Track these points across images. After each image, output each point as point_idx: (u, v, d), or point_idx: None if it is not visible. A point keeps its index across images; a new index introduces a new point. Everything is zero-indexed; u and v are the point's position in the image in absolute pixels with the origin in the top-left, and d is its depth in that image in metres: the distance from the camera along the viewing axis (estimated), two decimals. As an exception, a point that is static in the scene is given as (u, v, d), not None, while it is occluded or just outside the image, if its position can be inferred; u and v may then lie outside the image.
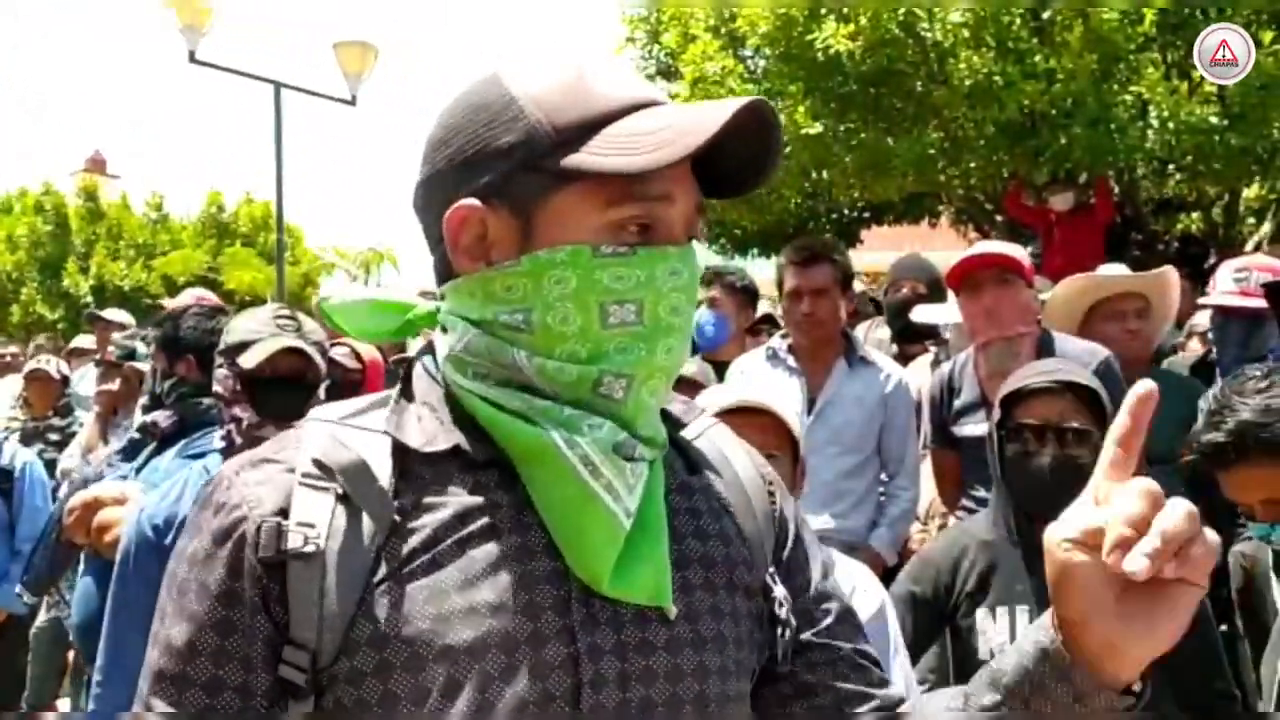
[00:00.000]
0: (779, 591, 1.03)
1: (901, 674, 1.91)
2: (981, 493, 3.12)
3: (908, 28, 7.22)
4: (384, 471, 0.92)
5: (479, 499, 0.92)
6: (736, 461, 1.09)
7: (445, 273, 0.98)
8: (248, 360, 2.27)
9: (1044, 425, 2.12)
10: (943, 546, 2.34)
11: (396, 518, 0.90)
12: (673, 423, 1.06)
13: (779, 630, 1.02)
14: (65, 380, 5.80)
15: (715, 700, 0.94)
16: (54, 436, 5.37)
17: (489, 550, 0.90)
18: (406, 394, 0.99)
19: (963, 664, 2.21)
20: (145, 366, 3.93)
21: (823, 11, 7.41)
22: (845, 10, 7.29)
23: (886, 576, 3.13)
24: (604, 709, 0.88)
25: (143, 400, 2.96)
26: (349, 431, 0.96)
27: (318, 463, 0.92)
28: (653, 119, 0.91)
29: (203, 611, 0.90)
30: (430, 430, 0.94)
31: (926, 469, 3.53)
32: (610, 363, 0.92)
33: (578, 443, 0.90)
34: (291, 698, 0.89)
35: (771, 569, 1.04)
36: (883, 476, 3.49)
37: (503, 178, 0.92)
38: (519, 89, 0.93)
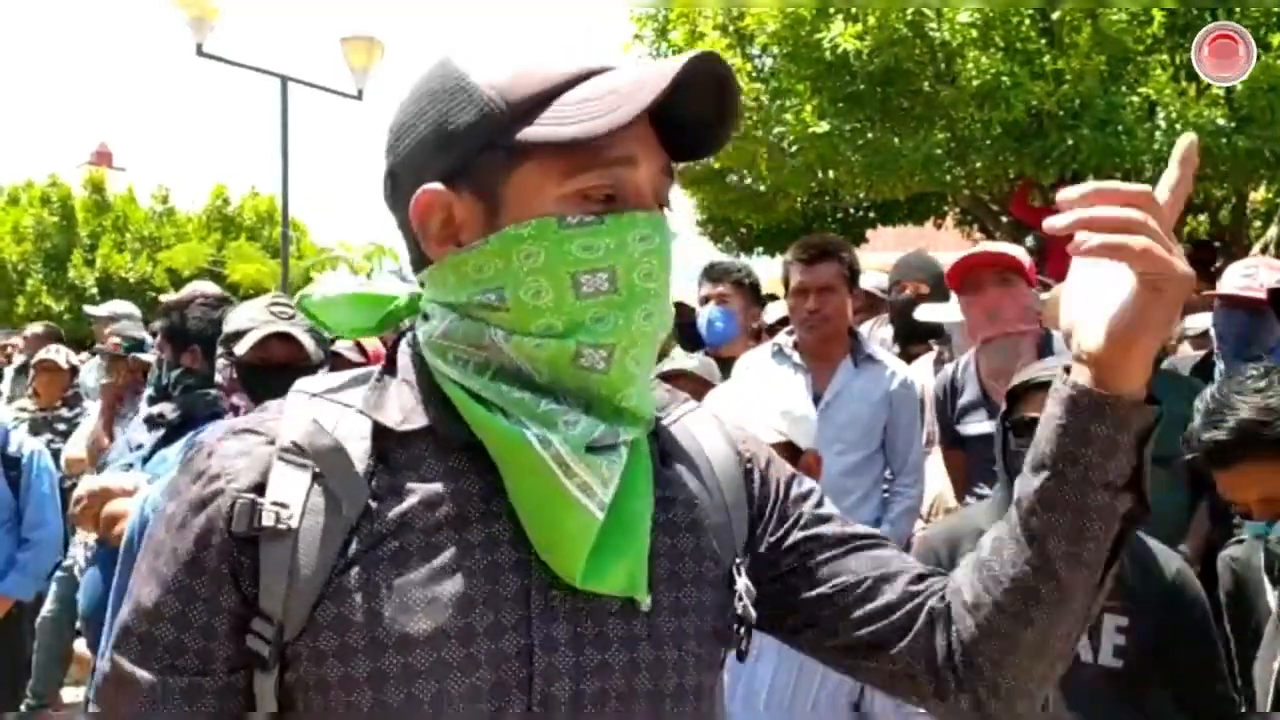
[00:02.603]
0: (741, 584, 1.02)
1: None
2: (985, 490, 3.13)
3: (916, 27, 7.22)
4: (361, 452, 0.93)
5: (450, 485, 0.92)
6: (710, 447, 1.08)
7: (420, 261, 0.98)
8: (241, 349, 2.31)
9: None
10: (942, 532, 2.35)
11: (371, 502, 0.91)
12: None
13: (736, 626, 1.02)
14: (74, 370, 5.83)
15: (672, 694, 0.95)
16: (62, 426, 5.40)
17: (456, 540, 0.90)
18: (390, 370, 0.99)
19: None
20: (150, 358, 3.95)
21: (831, 11, 7.41)
22: (853, 10, 7.30)
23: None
24: (555, 699, 0.89)
25: (148, 392, 2.97)
26: (330, 408, 0.96)
27: (296, 445, 0.92)
28: (605, 83, 0.90)
29: (170, 576, 0.91)
30: (407, 407, 0.95)
31: (929, 466, 3.54)
32: (588, 334, 0.91)
33: (551, 441, 0.90)
34: (258, 668, 0.90)
35: (740, 559, 1.04)
36: (887, 474, 3.50)
37: (462, 159, 0.92)
38: (471, 71, 0.92)
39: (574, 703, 0.90)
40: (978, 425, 3.26)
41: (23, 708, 4.42)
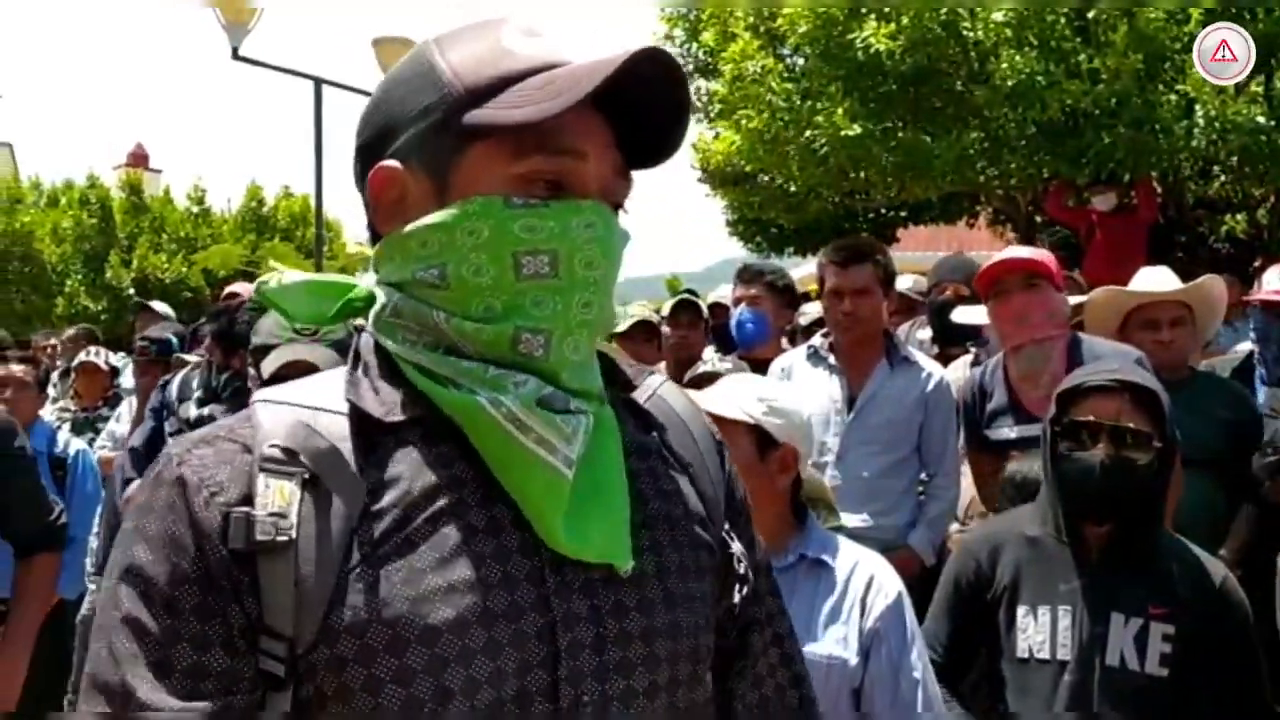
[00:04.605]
0: (736, 547, 1.07)
1: (920, 663, 1.93)
2: (1017, 495, 3.11)
3: (949, 27, 7.18)
4: (348, 451, 0.91)
5: (443, 473, 0.91)
6: (689, 420, 1.11)
7: (377, 240, 1.00)
8: (266, 370, 2.35)
9: (1099, 424, 2.09)
10: (982, 536, 2.33)
11: (367, 500, 0.89)
12: (624, 384, 1.07)
13: (738, 585, 1.06)
14: (114, 371, 5.93)
15: (687, 656, 0.97)
16: (103, 426, 5.49)
17: (459, 526, 0.90)
18: (360, 365, 0.98)
19: (997, 661, 2.20)
20: (194, 358, 4.00)
21: (863, 11, 7.38)
22: (886, 9, 7.26)
23: (924, 575, 3.14)
24: (581, 673, 0.90)
25: (197, 394, 3.02)
26: (307, 413, 0.93)
27: (287, 450, 0.90)
28: (557, 73, 0.92)
29: (178, 596, 0.86)
30: (389, 400, 0.94)
31: (965, 468, 3.53)
32: (526, 317, 0.92)
33: (502, 401, 0.90)
34: (271, 689, 0.87)
35: (726, 525, 1.08)
36: (923, 476, 3.50)
37: (418, 138, 0.94)
38: (439, 57, 0.95)
39: (599, 673, 0.91)
40: (1008, 430, 3.25)
41: (65, 704, 4.48)
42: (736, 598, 1.07)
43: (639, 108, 0.94)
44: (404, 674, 0.85)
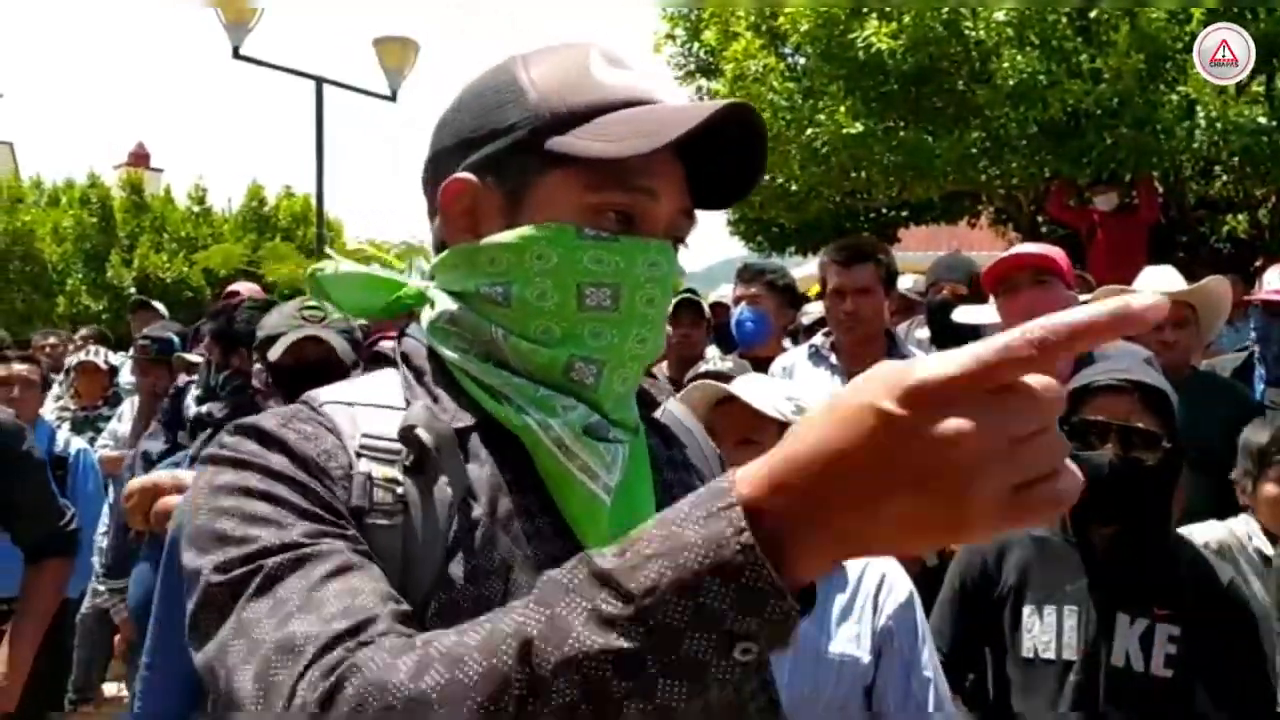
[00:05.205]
0: None
1: (931, 662, 1.94)
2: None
3: (951, 26, 7.19)
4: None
5: (508, 476, 0.93)
6: (695, 430, 1.18)
7: (441, 248, 1.02)
8: (273, 354, 2.32)
9: (1108, 423, 2.08)
10: None
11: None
12: (646, 401, 1.11)
13: None
14: (114, 370, 5.93)
15: None
16: (103, 425, 5.49)
17: (530, 527, 0.92)
18: (413, 370, 0.98)
19: (1002, 660, 2.20)
20: (196, 358, 4.00)
21: (865, 10, 7.39)
22: (888, 9, 7.27)
23: (926, 575, 3.13)
24: None
25: (195, 392, 3.02)
26: (372, 411, 0.93)
27: (408, 431, 0.89)
28: (645, 112, 0.93)
29: (338, 505, 0.85)
30: (450, 407, 0.95)
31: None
32: (582, 346, 0.94)
33: (551, 425, 0.92)
34: None
35: None
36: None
37: (497, 155, 0.96)
38: (525, 75, 0.96)
39: None
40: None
41: (65, 704, 4.48)
42: None
43: (714, 156, 0.96)
44: None
